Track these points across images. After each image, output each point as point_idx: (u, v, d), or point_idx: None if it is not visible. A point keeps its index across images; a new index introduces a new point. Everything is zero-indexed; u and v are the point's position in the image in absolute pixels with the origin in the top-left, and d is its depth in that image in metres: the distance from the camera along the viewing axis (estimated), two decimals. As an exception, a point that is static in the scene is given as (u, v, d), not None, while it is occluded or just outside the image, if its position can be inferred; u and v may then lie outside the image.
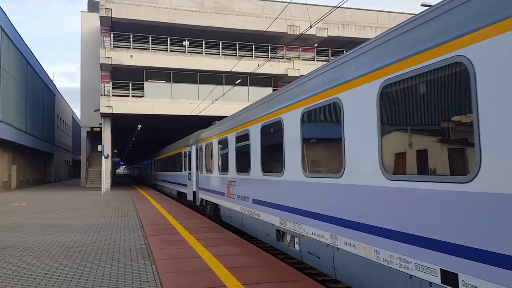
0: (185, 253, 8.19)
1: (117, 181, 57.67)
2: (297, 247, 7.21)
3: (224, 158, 12.24)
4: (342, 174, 5.68)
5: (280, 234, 8.07)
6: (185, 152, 20.18)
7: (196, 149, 17.30)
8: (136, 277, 6.41)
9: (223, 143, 12.38)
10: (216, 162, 13.30)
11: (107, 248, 8.72)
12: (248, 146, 9.84)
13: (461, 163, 3.83)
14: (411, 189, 4.28)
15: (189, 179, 18.59)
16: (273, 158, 8.56)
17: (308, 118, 6.79)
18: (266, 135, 8.94)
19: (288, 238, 7.67)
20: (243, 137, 10.29)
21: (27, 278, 6.39)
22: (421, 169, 4.27)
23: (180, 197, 23.28)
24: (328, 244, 6.04)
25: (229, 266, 6.98)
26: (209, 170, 14.42)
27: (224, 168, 12.30)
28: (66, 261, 7.59)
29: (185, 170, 20.11)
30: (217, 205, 13.71)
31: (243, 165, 10.32)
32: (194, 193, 17.59)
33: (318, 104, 6.38)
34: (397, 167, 4.63)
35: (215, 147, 13.54)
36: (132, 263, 7.33)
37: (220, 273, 6.54)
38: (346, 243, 5.54)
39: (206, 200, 15.35)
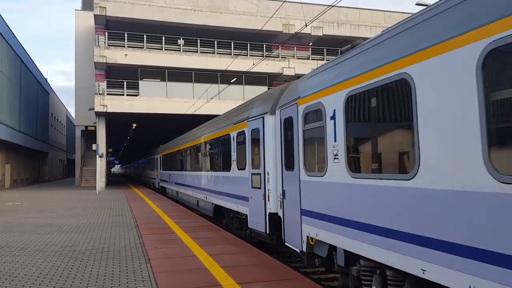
0: (180, 252, 8.18)
1: (112, 180, 57.45)
2: None
3: None
4: None
5: None
6: (240, 133, 10.74)
7: (284, 122, 8.01)
8: (131, 276, 6.38)
9: None
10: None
11: (102, 248, 8.68)
12: None
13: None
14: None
15: (255, 187, 9.52)
16: None
17: None
18: None
19: None
20: None
21: (21, 278, 6.34)
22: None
23: (220, 216, 13.85)
24: None
25: (225, 265, 6.96)
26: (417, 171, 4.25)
27: None
28: (60, 260, 7.55)
29: (241, 169, 10.59)
30: None
31: None
32: (271, 217, 8.62)
33: None
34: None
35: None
36: (127, 262, 7.30)
37: (216, 272, 6.52)
38: None
39: (387, 266, 4.81)
